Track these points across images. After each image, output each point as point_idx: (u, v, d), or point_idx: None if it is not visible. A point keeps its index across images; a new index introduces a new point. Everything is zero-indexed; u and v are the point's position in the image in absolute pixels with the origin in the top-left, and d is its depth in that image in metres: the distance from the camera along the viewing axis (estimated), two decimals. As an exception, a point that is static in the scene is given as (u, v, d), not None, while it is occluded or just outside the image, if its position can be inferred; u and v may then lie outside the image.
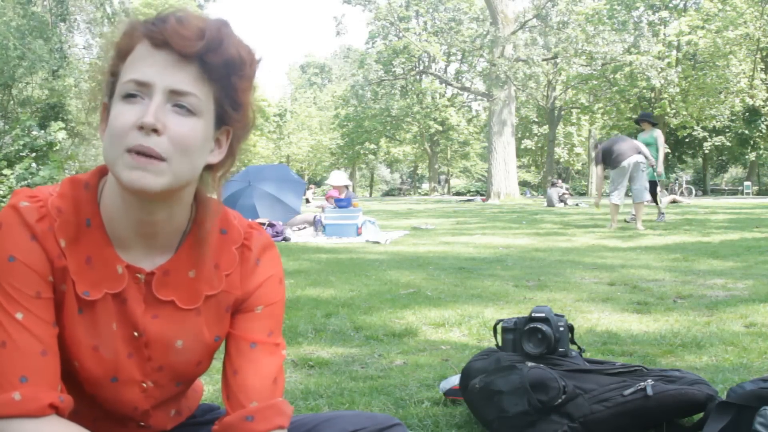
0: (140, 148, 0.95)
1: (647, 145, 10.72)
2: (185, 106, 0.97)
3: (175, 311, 1.11)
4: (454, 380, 2.37)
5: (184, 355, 1.13)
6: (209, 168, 1.06)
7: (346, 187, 11.72)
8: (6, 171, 8.07)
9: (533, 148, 47.46)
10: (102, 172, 1.09)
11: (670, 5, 35.81)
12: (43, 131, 9.26)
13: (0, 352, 0.98)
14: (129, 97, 0.97)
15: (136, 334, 1.09)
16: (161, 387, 1.14)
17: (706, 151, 39.48)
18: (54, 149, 8.99)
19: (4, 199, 7.84)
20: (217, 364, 1.24)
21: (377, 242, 9.08)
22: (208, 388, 2.40)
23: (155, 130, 0.95)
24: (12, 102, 22.26)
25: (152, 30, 0.97)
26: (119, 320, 1.08)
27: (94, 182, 1.07)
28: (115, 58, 1.01)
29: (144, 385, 1.12)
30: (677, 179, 30.67)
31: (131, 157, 0.96)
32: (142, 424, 1.16)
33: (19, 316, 0.99)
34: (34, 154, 8.43)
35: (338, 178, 11.99)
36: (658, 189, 11.88)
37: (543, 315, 2.19)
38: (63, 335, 1.05)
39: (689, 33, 32.91)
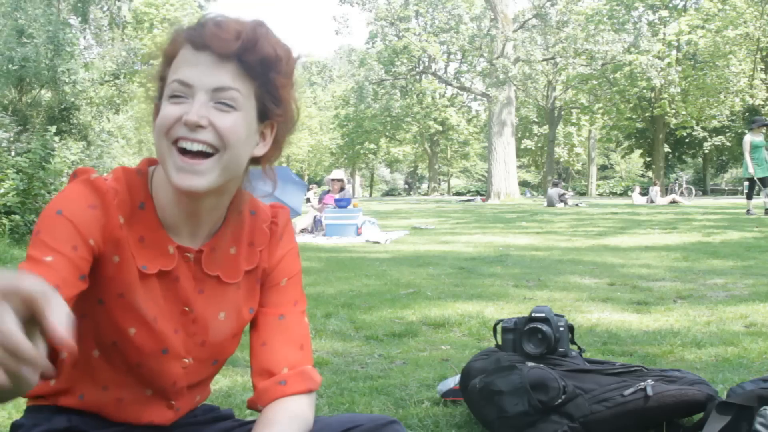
0: (186, 144, 1.02)
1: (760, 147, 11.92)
2: (226, 101, 1.04)
3: (219, 285, 1.18)
4: (451, 382, 2.37)
5: (224, 328, 1.19)
6: (256, 161, 1.14)
7: (341, 183, 11.60)
8: (11, 174, 8.08)
9: (533, 148, 47.41)
10: (150, 162, 1.16)
11: (670, 5, 35.78)
12: (60, 143, 9.29)
13: None
14: (174, 97, 1.04)
15: (186, 309, 1.15)
16: (200, 363, 1.20)
17: (706, 151, 39.40)
18: (69, 168, 9.05)
19: (5, 198, 7.82)
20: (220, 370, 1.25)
21: (377, 242, 9.08)
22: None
23: (200, 126, 1.01)
24: (21, 103, 22.36)
25: (193, 34, 1.05)
26: (170, 297, 1.14)
27: (145, 170, 1.14)
28: (163, 64, 1.08)
29: (185, 360, 1.17)
30: (677, 179, 30.62)
31: (181, 158, 1.02)
32: (173, 402, 1.20)
33: (48, 258, 1.01)
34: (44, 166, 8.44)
35: (336, 173, 12.02)
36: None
37: (543, 315, 2.19)
38: (123, 302, 1.09)
39: (689, 33, 32.89)
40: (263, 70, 1.06)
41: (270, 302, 1.22)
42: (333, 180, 11.74)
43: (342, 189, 11.46)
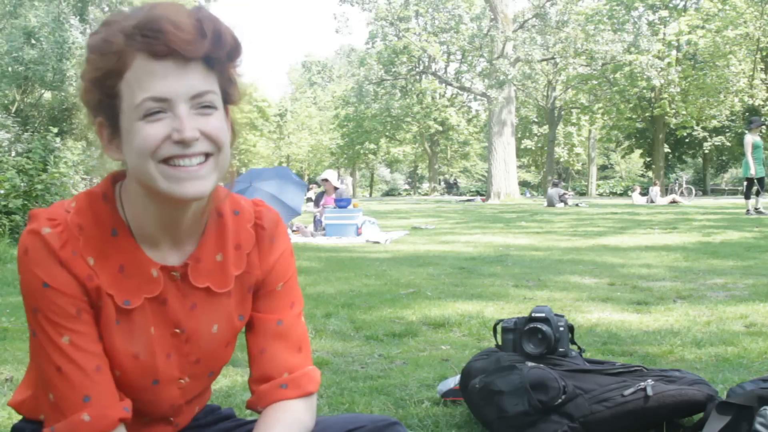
0: (184, 161, 0.97)
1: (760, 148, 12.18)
2: (207, 104, 0.99)
3: (210, 297, 1.13)
4: (452, 382, 2.37)
5: (217, 340, 1.15)
6: None
7: (335, 188, 11.54)
8: (11, 174, 8.09)
9: (533, 148, 47.41)
10: (114, 179, 1.09)
11: (670, 5, 35.76)
12: (59, 142, 9.31)
13: (58, 377, 1.01)
14: (149, 115, 0.96)
15: (177, 331, 1.11)
16: (196, 380, 1.17)
17: (706, 151, 39.38)
18: (66, 163, 9.07)
19: (7, 198, 7.83)
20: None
21: (377, 242, 9.08)
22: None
23: (195, 139, 0.97)
24: (23, 103, 22.41)
25: (151, 42, 0.95)
26: (158, 322, 1.10)
27: (110, 192, 1.08)
28: (109, 79, 0.98)
29: (182, 381, 1.14)
30: (677, 179, 30.59)
31: (177, 170, 0.97)
32: (171, 419, 1.19)
33: (65, 339, 1.01)
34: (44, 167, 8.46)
35: (331, 175, 11.89)
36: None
37: (543, 315, 2.19)
38: (104, 348, 1.06)
39: (689, 33, 32.88)
40: (227, 62, 1.02)
41: (266, 308, 1.19)
42: (323, 180, 11.74)
43: (336, 188, 11.44)
